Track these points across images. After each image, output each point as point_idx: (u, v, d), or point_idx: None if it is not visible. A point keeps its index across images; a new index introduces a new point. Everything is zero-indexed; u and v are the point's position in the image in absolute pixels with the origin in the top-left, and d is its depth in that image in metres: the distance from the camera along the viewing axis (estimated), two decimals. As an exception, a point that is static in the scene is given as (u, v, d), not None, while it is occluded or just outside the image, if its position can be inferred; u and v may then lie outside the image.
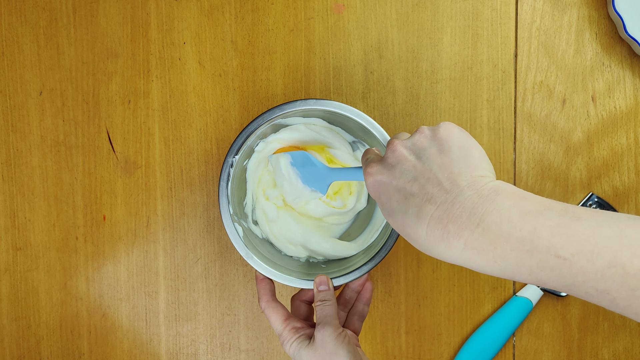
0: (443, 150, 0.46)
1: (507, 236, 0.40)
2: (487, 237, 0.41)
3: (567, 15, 0.69)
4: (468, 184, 0.43)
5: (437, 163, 0.45)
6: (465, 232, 0.41)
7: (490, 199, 0.41)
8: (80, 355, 0.72)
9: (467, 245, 0.41)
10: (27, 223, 0.71)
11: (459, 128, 0.48)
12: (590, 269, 0.38)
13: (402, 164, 0.47)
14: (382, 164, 0.48)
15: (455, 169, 0.44)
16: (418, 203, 0.44)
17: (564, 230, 0.39)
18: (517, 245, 0.40)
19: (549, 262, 0.39)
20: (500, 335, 0.68)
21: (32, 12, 0.70)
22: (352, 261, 0.64)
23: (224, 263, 0.71)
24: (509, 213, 0.40)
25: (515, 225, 0.40)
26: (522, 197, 0.42)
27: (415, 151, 0.47)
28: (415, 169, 0.46)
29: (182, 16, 0.70)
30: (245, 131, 0.61)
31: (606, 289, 0.38)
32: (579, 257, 0.38)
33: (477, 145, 0.47)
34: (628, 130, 0.69)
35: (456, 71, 0.69)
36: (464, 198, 0.42)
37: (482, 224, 0.41)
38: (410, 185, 0.45)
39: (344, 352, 0.54)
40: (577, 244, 0.38)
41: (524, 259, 0.40)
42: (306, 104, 0.61)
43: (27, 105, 0.71)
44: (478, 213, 0.41)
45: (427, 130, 0.48)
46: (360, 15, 0.69)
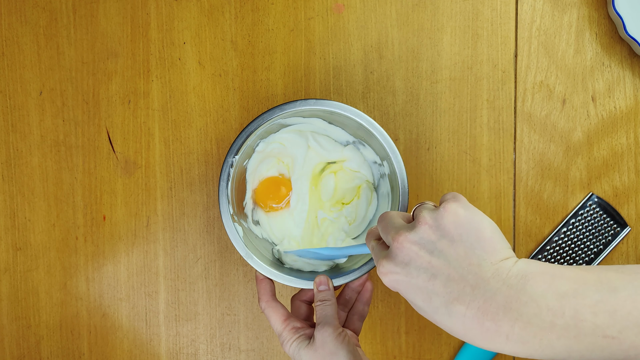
0: (454, 241, 0.43)
1: (550, 326, 0.39)
2: (529, 330, 0.40)
3: (567, 15, 0.69)
4: (492, 274, 0.41)
5: (453, 256, 0.42)
6: (505, 328, 0.40)
7: (521, 288, 0.40)
8: (80, 355, 0.72)
9: (510, 340, 0.40)
10: (27, 223, 0.71)
11: (463, 206, 0.44)
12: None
13: (414, 261, 0.44)
14: (393, 262, 0.45)
15: (474, 260, 0.42)
16: (446, 303, 0.42)
17: (605, 307, 0.39)
18: (562, 333, 0.39)
19: (598, 343, 0.39)
20: (500, 335, 0.68)
21: (32, 12, 0.70)
22: (352, 261, 0.64)
23: (224, 263, 0.71)
24: (545, 301, 0.39)
25: (556, 312, 0.39)
26: (552, 277, 0.40)
27: (424, 246, 0.44)
28: (432, 266, 0.43)
29: (182, 16, 0.70)
30: (245, 131, 0.61)
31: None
32: (627, 334, 0.38)
33: (485, 222, 0.44)
34: (628, 130, 0.69)
35: (456, 71, 0.69)
36: (493, 292, 0.41)
37: (521, 318, 0.40)
38: (431, 284, 0.43)
39: (344, 352, 0.54)
40: (622, 320, 0.38)
41: (572, 345, 0.39)
42: (306, 104, 0.61)
43: (27, 105, 0.71)
44: (514, 307, 0.40)
45: (429, 219, 0.44)
46: (360, 15, 0.69)
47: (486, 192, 0.69)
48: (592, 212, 0.69)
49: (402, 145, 0.69)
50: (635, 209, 0.69)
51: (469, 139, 0.69)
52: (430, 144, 0.69)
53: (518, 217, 0.70)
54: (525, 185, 0.69)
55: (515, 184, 0.69)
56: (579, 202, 0.69)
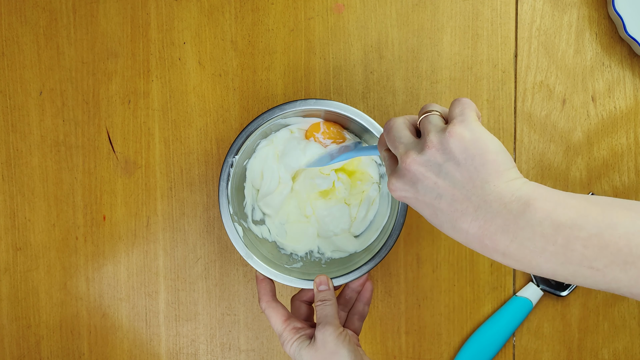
0: (459, 163, 0.44)
1: (541, 251, 0.41)
2: (521, 251, 0.42)
3: (567, 15, 0.69)
4: (495, 197, 0.43)
5: (458, 178, 0.44)
6: (501, 247, 0.43)
7: (520, 213, 0.42)
8: (80, 355, 0.72)
9: (506, 257, 0.43)
10: (27, 223, 0.71)
11: (469, 128, 0.45)
12: (623, 278, 0.39)
13: (422, 182, 0.45)
14: (402, 180, 0.47)
15: (478, 182, 0.44)
16: (450, 219, 0.45)
17: (598, 241, 0.40)
18: (551, 258, 0.41)
19: (582, 272, 0.40)
20: (500, 335, 0.68)
21: (32, 12, 0.70)
22: (352, 261, 0.64)
23: (224, 263, 0.71)
24: (541, 227, 0.41)
25: (549, 239, 0.41)
26: (555, 204, 0.42)
27: (431, 167, 0.45)
28: (438, 186, 0.45)
29: (182, 16, 0.70)
30: (245, 131, 0.61)
31: (638, 293, 0.39)
32: (612, 268, 0.39)
33: (490, 142, 0.45)
34: (628, 130, 0.69)
35: (456, 71, 0.69)
36: (493, 215, 0.43)
37: (516, 240, 0.42)
38: (437, 202, 0.45)
39: (345, 351, 0.54)
40: (611, 255, 0.39)
41: (558, 269, 0.41)
42: (306, 104, 0.61)
43: (27, 105, 0.71)
44: (511, 230, 0.42)
45: (436, 142, 0.45)
46: (360, 15, 0.69)
47: (486, 192, 0.69)
48: (592, 212, 0.69)
49: (402, 145, 0.69)
50: (635, 209, 0.69)
51: (469, 139, 0.69)
52: (430, 144, 0.69)
53: (518, 217, 0.70)
54: (525, 185, 0.69)
55: (515, 184, 0.69)
56: (579, 202, 0.69)
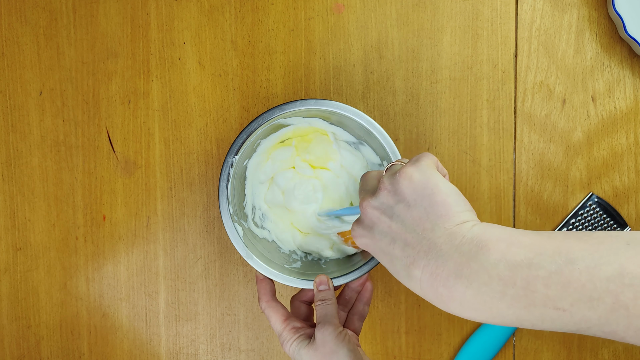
0: (409, 205, 0.44)
1: (501, 296, 0.38)
2: (479, 298, 0.39)
3: (567, 15, 0.69)
4: (445, 240, 0.41)
5: (409, 221, 0.43)
6: (457, 295, 0.40)
7: (473, 255, 0.39)
8: (80, 355, 0.72)
9: (464, 306, 0.40)
10: (27, 223, 0.71)
11: (420, 170, 0.45)
12: (593, 316, 0.37)
13: (377, 226, 0.45)
14: (361, 226, 0.47)
15: (428, 224, 0.43)
16: (404, 266, 0.43)
17: (559, 279, 0.37)
18: (512, 302, 0.38)
19: (549, 314, 0.38)
20: (500, 335, 0.68)
21: (32, 12, 0.70)
22: (352, 261, 0.64)
23: (224, 263, 0.71)
24: (497, 270, 0.38)
25: (507, 282, 0.38)
26: (509, 244, 0.39)
27: (384, 210, 0.45)
28: (391, 230, 0.44)
29: (182, 16, 0.70)
30: (245, 131, 0.61)
31: (613, 331, 0.37)
32: (579, 307, 0.37)
33: (440, 186, 0.44)
34: (628, 130, 0.69)
35: (456, 71, 0.69)
36: (445, 259, 0.41)
37: (472, 286, 0.39)
38: (391, 248, 0.44)
39: (345, 351, 0.54)
40: (574, 292, 0.37)
41: (522, 315, 0.38)
42: (306, 104, 0.61)
43: (27, 105, 0.71)
44: (464, 274, 0.39)
45: (388, 184, 0.45)
46: (360, 15, 0.69)
47: (486, 192, 0.69)
48: (592, 212, 0.69)
49: (402, 145, 0.69)
50: (635, 209, 0.69)
51: (469, 139, 0.69)
52: (430, 144, 0.69)
53: (518, 217, 0.70)
54: (525, 185, 0.69)
55: (515, 184, 0.69)
56: (579, 202, 0.69)
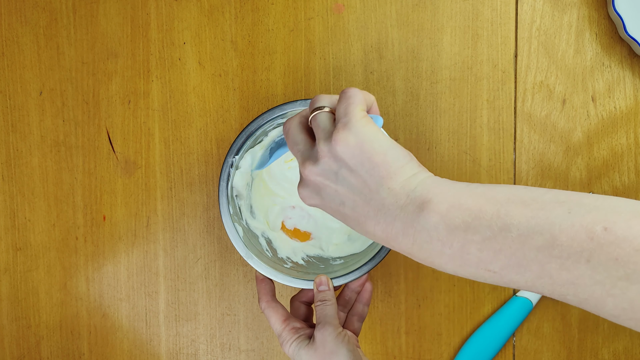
0: (352, 170, 0.45)
1: (439, 253, 0.42)
2: (423, 253, 0.43)
3: (567, 15, 0.69)
4: (391, 200, 0.44)
5: (354, 184, 0.45)
6: (405, 248, 0.44)
7: (415, 217, 0.43)
8: (80, 355, 0.72)
9: (413, 256, 0.44)
10: (27, 223, 0.71)
11: (353, 131, 0.45)
12: (520, 280, 0.40)
13: (324, 190, 0.46)
14: (308, 190, 0.47)
15: (373, 185, 0.44)
16: (357, 223, 0.46)
17: (492, 245, 0.40)
18: (449, 260, 0.42)
19: (480, 274, 0.41)
20: (500, 335, 0.68)
21: (32, 12, 0.70)
22: (351, 261, 0.64)
23: (224, 263, 0.71)
24: (436, 232, 0.42)
25: (445, 243, 0.42)
26: (450, 206, 0.42)
27: (328, 177, 0.46)
28: (339, 194, 0.46)
29: (182, 16, 0.70)
30: (245, 131, 0.61)
31: (539, 292, 0.40)
32: (507, 271, 0.40)
33: (375, 145, 0.44)
34: (628, 130, 0.69)
35: (456, 71, 0.69)
36: (392, 218, 0.44)
37: (417, 243, 0.43)
38: (342, 208, 0.46)
39: (344, 351, 0.54)
40: (505, 259, 0.40)
41: (459, 271, 0.42)
42: (306, 104, 0.61)
43: (27, 105, 0.71)
44: (410, 233, 0.43)
45: (326, 150, 0.45)
46: (360, 15, 0.69)
47: (486, 192, 0.69)
48: (592, 212, 0.69)
49: (402, 145, 0.69)
50: (635, 209, 0.69)
51: (469, 139, 0.69)
52: (430, 144, 0.69)
53: (518, 217, 0.69)
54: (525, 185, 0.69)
55: (515, 184, 0.69)
56: (579, 202, 0.69)
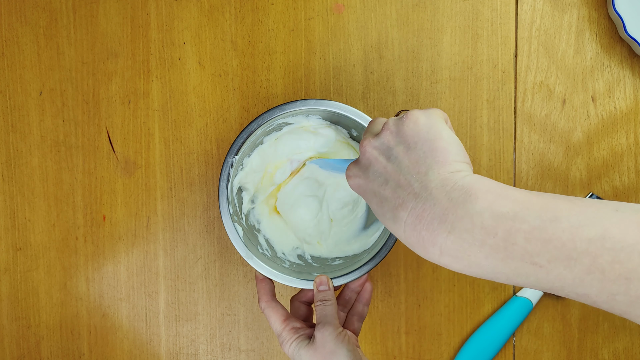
0: (409, 148, 0.44)
1: (480, 245, 0.38)
2: (459, 245, 0.39)
3: (567, 16, 0.69)
4: (437, 184, 0.41)
5: (405, 163, 0.43)
6: (438, 240, 0.40)
7: (461, 202, 0.39)
8: (80, 355, 0.72)
9: (443, 252, 0.40)
10: (27, 223, 0.71)
11: (427, 115, 0.45)
12: (568, 276, 0.36)
13: (373, 166, 0.45)
14: (358, 166, 0.47)
15: (423, 168, 0.42)
16: (392, 208, 0.43)
17: (541, 235, 0.37)
18: (491, 252, 0.38)
19: (525, 269, 0.38)
20: (500, 335, 0.68)
21: (32, 12, 0.70)
22: (352, 261, 0.64)
23: (224, 263, 0.71)
24: (481, 218, 0.38)
25: (489, 232, 0.38)
26: (497, 196, 0.39)
27: (383, 151, 0.45)
28: (386, 171, 0.44)
29: (182, 16, 0.70)
30: (245, 131, 0.61)
31: (585, 294, 0.37)
32: (555, 264, 0.37)
33: (443, 133, 0.44)
34: (628, 131, 0.69)
35: (456, 71, 0.69)
36: (433, 202, 0.40)
37: (454, 232, 0.39)
38: (383, 189, 0.44)
39: (344, 351, 0.54)
40: (554, 250, 0.36)
41: (498, 266, 0.38)
42: (306, 104, 0.61)
43: (27, 105, 0.71)
44: (449, 220, 0.39)
45: (392, 125, 0.45)
46: (360, 15, 0.69)
47: (486, 192, 0.69)
48: (592, 212, 0.69)
49: (402, 145, 0.69)
50: (635, 209, 0.69)
51: (469, 139, 0.69)
52: (430, 144, 0.69)
53: (518, 217, 0.69)
54: (525, 185, 0.69)
55: (515, 184, 0.69)
56: (579, 202, 0.69)
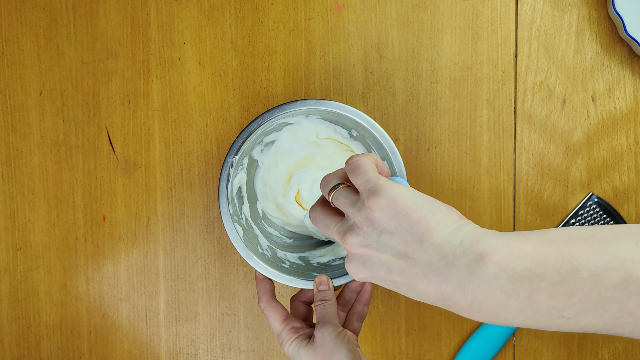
0: (392, 233, 0.44)
1: (505, 307, 0.39)
2: (486, 309, 0.40)
3: (567, 16, 0.69)
4: (438, 257, 0.41)
5: (397, 248, 0.43)
6: (464, 306, 0.41)
7: (471, 270, 0.40)
8: (80, 355, 0.72)
9: (473, 314, 0.41)
10: (27, 223, 0.71)
11: (381, 194, 0.44)
12: (598, 323, 0.37)
13: (369, 260, 0.45)
14: (354, 264, 0.47)
15: (415, 245, 0.43)
16: (410, 289, 0.44)
17: (563, 290, 0.37)
18: (517, 313, 0.39)
19: (554, 322, 0.38)
20: (500, 335, 0.68)
21: (32, 12, 0.70)
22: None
23: (224, 263, 0.71)
24: (498, 283, 0.39)
25: (510, 295, 0.38)
26: (508, 254, 0.39)
27: (370, 246, 0.45)
28: (384, 261, 0.44)
29: (182, 16, 0.70)
30: (245, 131, 0.61)
31: (619, 333, 0.37)
32: (584, 315, 0.37)
33: (409, 203, 0.44)
34: (628, 131, 0.69)
35: (456, 71, 0.69)
36: (445, 276, 0.41)
37: (477, 300, 0.40)
38: (391, 276, 0.44)
39: (344, 351, 0.54)
40: (579, 302, 0.37)
41: (528, 322, 0.39)
42: (306, 104, 0.61)
43: (27, 105, 0.71)
44: (467, 290, 0.40)
45: (361, 219, 0.45)
46: (360, 15, 0.69)
47: (486, 192, 0.69)
48: (592, 213, 0.69)
49: (402, 145, 0.69)
50: (635, 209, 0.69)
51: (469, 139, 0.69)
52: (430, 144, 0.69)
53: (518, 217, 0.70)
54: (525, 186, 0.69)
55: (515, 184, 0.69)
56: (579, 203, 0.69)
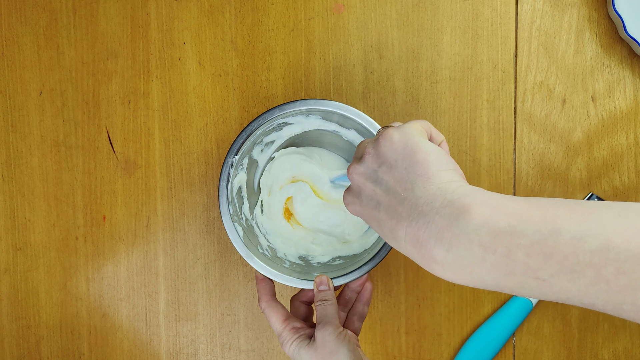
0: (391, 167, 0.43)
1: (481, 261, 0.37)
2: (460, 262, 0.38)
3: (567, 16, 0.69)
4: (426, 200, 0.40)
5: (391, 183, 0.43)
6: (438, 257, 0.39)
7: (454, 219, 0.38)
8: (80, 355, 0.72)
9: (445, 269, 0.39)
10: (27, 223, 0.71)
11: (401, 131, 0.44)
12: (572, 289, 0.35)
13: (363, 191, 0.45)
14: (351, 193, 0.47)
15: (408, 184, 0.42)
16: (389, 229, 0.43)
17: (542, 249, 0.36)
18: (492, 269, 0.37)
19: (528, 283, 0.37)
20: (500, 335, 0.68)
21: (32, 12, 0.70)
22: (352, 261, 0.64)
23: (224, 263, 0.71)
24: (478, 235, 0.37)
25: (487, 249, 0.37)
26: (493, 209, 0.38)
27: (369, 175, 0.45)
28: (376, 195, 0.44)
29: (182, 16, 0.70)
30: (245, 131, 0.61)
31: (592, 304, 0.36)
32: (559, 278, 0.36)
33: (420, 145, 0.43)
34: (628, 130, 0.69)
35: (456, 71, 0.69)
36: (426, 221, 0.40)
37: (453, 249, 0.38)
38: (377, 212, 0.44)
39: (345, 351, 0.54)
40: (556, 264, 0.35)
41: (501, 281, 0.38)
42: (306, 104, 0.61)
43: (27, 105, 0.71)
44: (445, 238, 0.39)
45: (370, 148, 0.45)
46: (360, 15, 0.69)
47: (486, 192, 0.69)
48: (592, 212, 0.69)
49: (402, 145, 0.70)
50: (635, 209, 0.69)
51: (469, 139, 0.69)
52: (430, 144, 0.69)
53: (518, 217, 0.70)
54: (525, 185, 0.69)
55: (515, 184, 0.69)
56: (579, 202, 0.69)
